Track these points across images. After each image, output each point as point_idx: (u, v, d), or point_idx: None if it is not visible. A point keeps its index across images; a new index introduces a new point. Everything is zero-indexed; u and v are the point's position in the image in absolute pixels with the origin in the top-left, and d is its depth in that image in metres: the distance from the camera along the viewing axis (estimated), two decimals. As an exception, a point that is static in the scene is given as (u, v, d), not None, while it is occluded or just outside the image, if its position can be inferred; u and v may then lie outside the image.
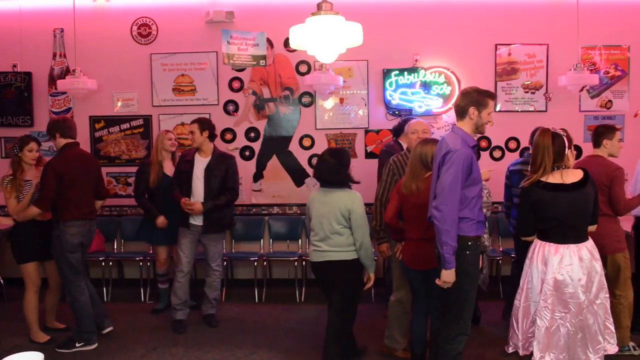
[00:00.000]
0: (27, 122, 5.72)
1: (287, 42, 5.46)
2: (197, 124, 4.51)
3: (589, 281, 3.01)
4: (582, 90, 5.44)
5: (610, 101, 5.60)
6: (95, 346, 4.13)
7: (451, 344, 3.05)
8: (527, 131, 4.37)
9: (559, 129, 3.20)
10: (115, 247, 5.72)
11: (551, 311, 3.03)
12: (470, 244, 2.95)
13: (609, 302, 3.64)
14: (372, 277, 3.54)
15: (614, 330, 3.19)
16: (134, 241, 5.70)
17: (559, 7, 5.48)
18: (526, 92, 5.60)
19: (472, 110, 2.99)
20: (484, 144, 5.61)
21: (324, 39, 3.17)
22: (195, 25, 5.61)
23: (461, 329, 3.04)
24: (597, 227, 3.21)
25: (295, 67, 5.67)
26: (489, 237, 4.23)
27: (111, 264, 5.48)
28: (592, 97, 5.61)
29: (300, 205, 5.68)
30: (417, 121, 4.18)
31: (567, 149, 3.10)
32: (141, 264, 5.44)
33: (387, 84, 5.55)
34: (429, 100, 5.54)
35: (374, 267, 3.55)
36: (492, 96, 3.05)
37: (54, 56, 5.71)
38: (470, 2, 5.54)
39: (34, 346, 4.06)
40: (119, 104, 5.74)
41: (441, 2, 5.54)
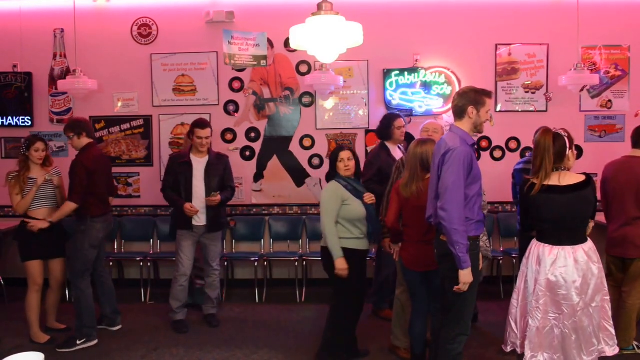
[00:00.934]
0: (28, 123, 5.72)
1: (287, 42, 5.46)
2: (209, 128, 4.50)
3: (585, 283, 3.01)
4: (582, 90, 5.43)
5: (610, 101, 5.60)
6: (95, 342, 4.17)
7: (451, 344, 3.05)
8: (528, 131, 4.38)
9: (560, 129, 3.20)
10: (115, 247, 5.72)
11: (543, 312, 3.04)
12: (469, 243, 2.95)
13: (623, 302, 3.72)
14: (337, 264, 3.54)
15: (613, 332, 3.18)
16: (134, 241, 5.72)
17: (559, 7, 5.48)
18: (526, 92, 5.60)
19: (470, 109, 3.00)
20: (484, 144, 5.61)
21: (325, 39, 3.17)
22: (195, 25, 5.61)
23: (461, 329, 3.04)
24: (629, 229, 3.59)
25: (295, 67, 5.67)
26: (489, 239, 4.20)
27: (111, 264, 5.47)
28: (593, 97, 5.61)
29: (300, 205, 5.68)
30: (430, 122, 4.28)
31: (568, 150, 3.10)
32: (141, 264, 5.44)
33: (388, 84, 5.56)
34: (429, 100, 5.54)
35: (337, 255, 3.53)
36: (490, 95, 3.06)
37: (55, 56, 5.72)
38: (470, 2, 5.54)
39: (34, 346, 4.07)
40: (120, 104, 5.74)
41: (441, 2, 5.55)
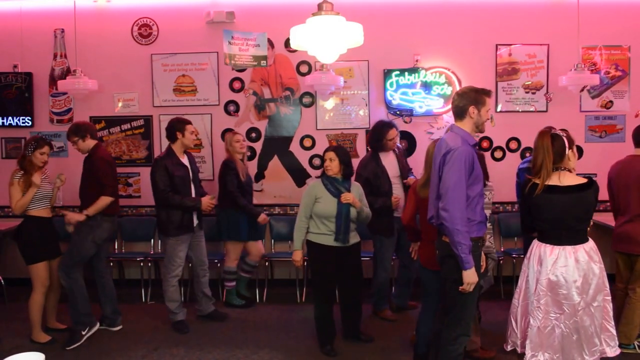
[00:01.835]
0: (28, 123, 5.72)
1: (287, 43, 5.47)
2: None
3: (585, 283, 3.01)
4: (582, 90, 5.44)
5: (610, 101, 5.60)
6: (98, 325, 4.32)
7: (452, 345, 3.05)
8: (528, 131, 4.38)
9: (560, 129, 3.20)
10: (116, 247, 5.72)
11: (544, 311, 3.04)
12: (472, 244, 2.95)
13: (629, 298, 3.73)
14: (293, 255, 4.00)
15: (614, 332, 3.19)
16: (134, 241, 5.72)
17: (560, 7, 5.48)
18: (527, 93, 5.60)
19: (471, 109, 2.99)
20: (485, 144, 5.61)
21: (325, 40, 3.17)
22: (195, 25, 5.61)
23: (462, 330, 3.04)
24: (634, 225, 3.66)
25: (296, 67, 5.67)
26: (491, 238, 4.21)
27: (112, 264, 5.47)
28: (593, 98, 5.61)
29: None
30: None
31: (567, 150, 3.10)
32: (142, 264, 5.44)
33: (388, 84, 5.55)
34: (430, 100, 5.54)
35: (296, 247, 4.00)
36: (489, 94, 3.07)
37: (55, 56, 5.71)
38: (470, 2, 5.54)
39: (35, 346, 4.07)
40: (120, 105, 5.74)
41: (441, 2, 5.54)
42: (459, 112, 3.04)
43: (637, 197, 3.74)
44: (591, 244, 3.11)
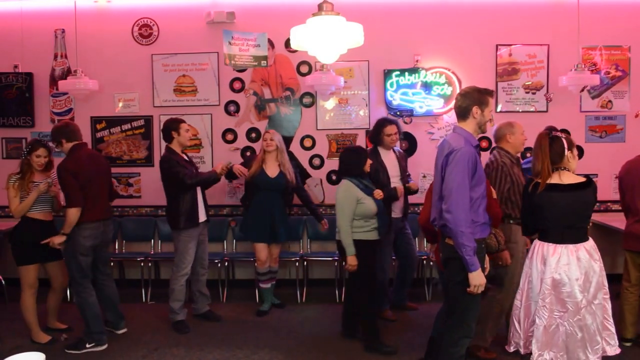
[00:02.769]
0: (28, 123, 5.73)
1: (288, 43, 5.47)
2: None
3: (587, 281, 3.02)
4: (582, 90, 5.44)
5: (610, 101, 5.60)
6: (105, 346, 4.11)
7: (454, 347, 3.04)
8: (528, 131, 4.36)
9: (559, 130, 3.21)
10: (116, 247, 5.72)
11: (549, 310, 3.05)
12: (476, 246, 2.94)
13: (630, 298, 3.80)
14: (348, 260, 3.92)
15: (614, 331, 3.19)
16: (135, 241, 5.72)
17: (560, 7, 5.48)
18: (527, 93, 5.60)
19: (475, 109, 2.98)
20: (484, 144, 5.61)
21: (325, 40, 3.17)
22: (196, 25, 5.62)
23: (464, 333, 3.03)
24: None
25: (296, 67, 5.67)
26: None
27: (112, 264, 5.47)
28: (593, 98, 5.61)
29: (301, 206, 5.65)
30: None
31: (566, 151, 3.11)
32: (142, 264, 5.44)
33: (388, 84, 5.56)
34: (430, 100, 5.54)
35: (350, 252, 3.91)
36: (492, 94, 3.06)
37: (55, 57, 5.72)
38: (470, 2, 5.55)
39: (35, 346, 4.07)
40: (120, 105, 5.74)
41: (442, 3, 5.55)
42: (462, 112, 3.03)
43: None
44: (591, 243, 3.12)
